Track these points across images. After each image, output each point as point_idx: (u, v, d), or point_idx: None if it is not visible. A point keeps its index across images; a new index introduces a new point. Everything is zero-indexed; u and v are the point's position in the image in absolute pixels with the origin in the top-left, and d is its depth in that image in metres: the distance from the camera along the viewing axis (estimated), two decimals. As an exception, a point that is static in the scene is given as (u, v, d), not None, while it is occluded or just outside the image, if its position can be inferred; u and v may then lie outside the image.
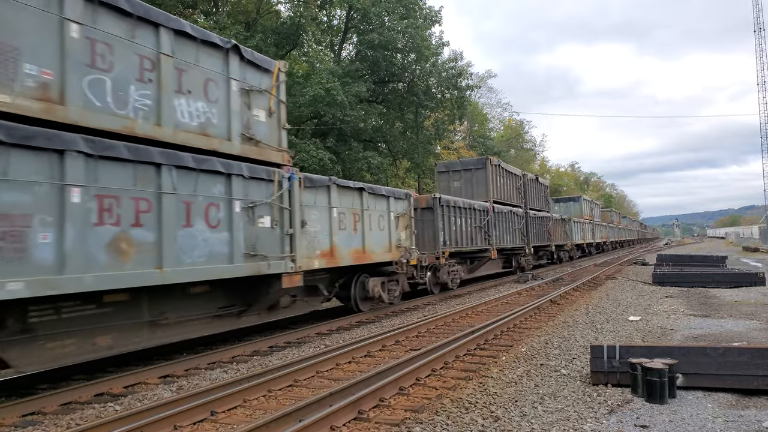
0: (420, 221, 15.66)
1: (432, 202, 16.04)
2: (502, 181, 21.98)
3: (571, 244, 32.67)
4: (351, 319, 11.68)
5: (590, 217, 40.64)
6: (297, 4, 27.33)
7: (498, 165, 21.53)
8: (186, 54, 7.56)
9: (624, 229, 66.53)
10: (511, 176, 23.57)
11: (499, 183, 21.71)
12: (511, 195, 23.16)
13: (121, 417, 5.19)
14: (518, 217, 23.08)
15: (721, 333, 9.14)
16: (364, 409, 5.35)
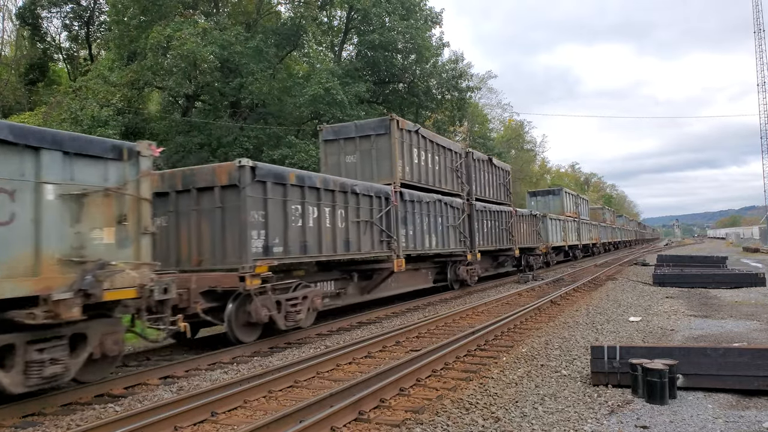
0: (210, 211, 8.95)
1: (237, 176, 8.66)
2: (423, 156, 15.35)
3: (546, 247, 26.64)
4: (351, 320, 11.68)
5: (575, 215, 34.66)
6: (297, 4, 27.36)
7: (415, 131, 14.95)
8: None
9: (620, 229, 61.21)
10: (442, 151, 16.66)
11: (418, 158, 15.01)
12: (441, 178, 16.49)
13: (122, 418, 5.19)
14: (454, 210, 16.56)
15: (721, 334, 9.13)
16: (365, 409, 5.35)
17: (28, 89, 27.11)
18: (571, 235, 32.41)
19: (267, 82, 23.27)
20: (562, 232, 30.04)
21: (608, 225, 50.80)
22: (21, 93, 26.23)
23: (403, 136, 14.35)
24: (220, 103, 25.94)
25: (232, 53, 22.82)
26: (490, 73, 71.17)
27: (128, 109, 22.51)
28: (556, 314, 11.76)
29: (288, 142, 23.09)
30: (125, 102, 22.32)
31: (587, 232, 38.11)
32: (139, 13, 23.85)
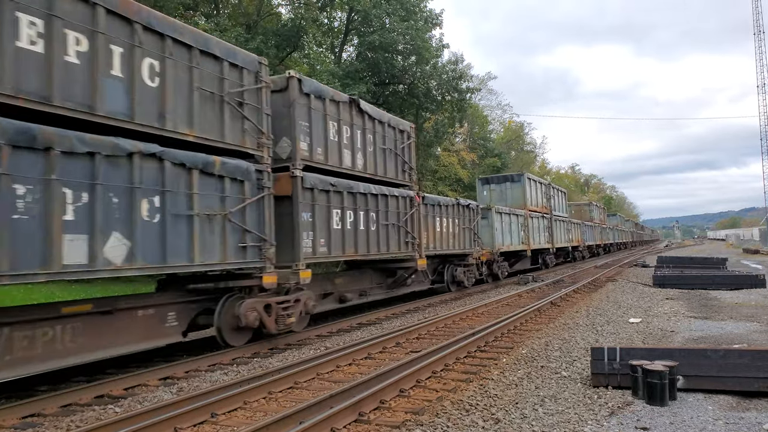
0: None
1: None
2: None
3: (491, 252, 19.68)
4: (351, 321, 11.68)
5: (544, 209, 26.95)
6: (298, 6, 27.37)
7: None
8: None
9: (613, 229, 54.75)
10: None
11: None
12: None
13: (122, 419, 5.18)
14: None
15: (721, 335, 9.13)
16: (365, 411, 5.34)
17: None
18: (538, 237, 25.32)
19: (267, 83, 23.24)
20: (522, 232, 23.01)
21: (596, 224, 43.63)
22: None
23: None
24: (221, 105, 25.90)
25: (232, 54, 22.78)
26: (489, 74, 71.17)
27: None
28: (556, 315, 11.76)
29: (288, 144, 23.08)
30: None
31: (564, 232, 30.61)
32: (139, 14, 23.84)
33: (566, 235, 31.31)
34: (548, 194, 28.18)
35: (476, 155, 45.63)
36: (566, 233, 31.36)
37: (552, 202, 28.46)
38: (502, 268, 21.29)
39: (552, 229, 27.88)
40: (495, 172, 44.02)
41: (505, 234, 21.07)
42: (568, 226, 31.91)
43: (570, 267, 30.29)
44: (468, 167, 42.34)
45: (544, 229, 26.80)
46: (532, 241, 24.31)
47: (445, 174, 38.07)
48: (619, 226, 61.13)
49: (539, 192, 26.92)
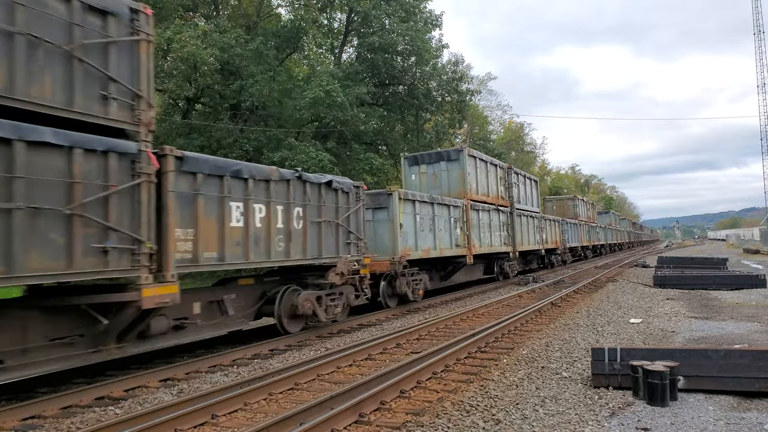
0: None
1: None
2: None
3: (393, 261, 13.22)
4: (352, 322, 11.67)
5: (499, 200, 20.60)
6: (297, 7, 27.39)
7: None
8: None
9: (605, 228, 47.68)
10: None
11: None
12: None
13: (122, 420, 5.18)
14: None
15: (722, 335, 9.13)
16: (365, 412, 5.34)
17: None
18: (488, 236, 18.91)
19: (267, 84, 23.29)
20: (458, 231, 16.71)
21: (582, 222, 36.86)
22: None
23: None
24: (221, 106, 25.96)
25: (233, 56, 22.85)
26: (489, 75, 71.16)
27: (129, 112, 22.50)
28: (556, 316, 11.75)
29: (288, 145, 23.11)
30: (126, 104, 22.31)
31: (533, 231, 24.13)
32: (139, 16, 23.87)
33: (537, 235, 24.68)
34: (508, 181, 21.76)
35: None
36: (537, 233, 24.67)
37: (515, 192, 22.20)
38: (415, 285, 14.17)
39: (513, 227, 21.47)
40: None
41: (422, 233, 14.54)
42: (540, 224, 25.30)
43: (571, 268, 30.22)
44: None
45: (501, 227, 20.28)
46: (477, 242, 17.77)
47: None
48: (612, 224, 53.98)
49: (491, 177, 20.13)
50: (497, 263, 20.77)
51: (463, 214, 17.11)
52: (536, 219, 25.02)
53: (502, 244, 20.18)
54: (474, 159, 18.83)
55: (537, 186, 26.61)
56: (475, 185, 18.57)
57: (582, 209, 38.95)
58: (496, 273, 20.71)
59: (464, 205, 17.24)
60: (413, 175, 18.73)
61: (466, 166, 17.99)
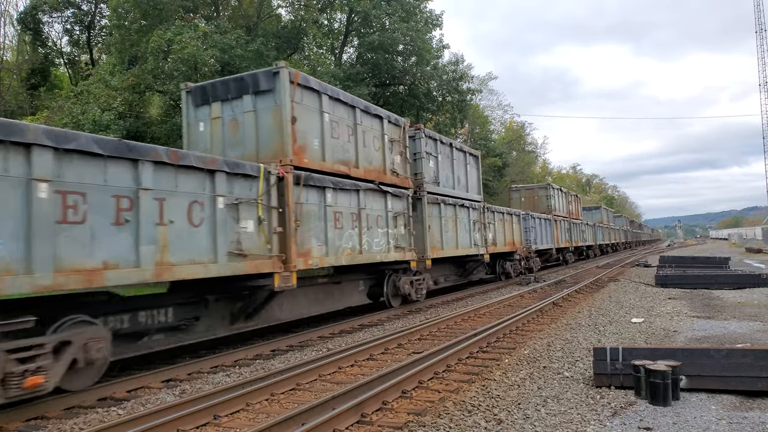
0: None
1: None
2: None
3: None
4: (353, 323, 11.68)
5: (376, 174, 12.13)
6: (298, 7, 27.41)
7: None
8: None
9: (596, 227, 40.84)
10: None
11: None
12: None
13: (125, 421, 5.19)
14: None
15: (724, 335, 9.12)
16: (367, 412, 5.35)
17: (30, 94, 27.16)
18: (358, 238, 11.27)
19: (268, 85, 23.27)
20: (259, 230, 8.61)
21: (559, 218, 29.49)
22: (23, 97, 26.29)
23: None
24: (222, 107, 25.95)
25: (233, 56, 22.85)
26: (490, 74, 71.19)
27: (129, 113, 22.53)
28: (558, 316, 11.75)
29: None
30: (126, 106, 22.34)
31: (471, 229, 17.24)
32: (139, 17, 23.90)
33: (475, 234, 17.45)
34: (412, 147, 14.24)
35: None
36: (475, 230, 17.39)
37: (429, 167, 14.90)
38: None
39: (424, 221, 14.07)
40: (496, 171, 43.92)
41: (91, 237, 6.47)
42: (480, 218, 17.95)
43: (572, 268, 30.19)
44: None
45: (392, 220, 12.47)
46: (319, 246, 10.09)
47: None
48: (604, 222, 46.79)
49: (369, 135, 12.09)
50: (388, 279, 12.96)
51: (264, 196, 8.72)
52: (474, 210, 17.55)
53: (390, 249, 12.25)
54: (312, 94, 10.31)
55: (477, 164, 18.96)
56: (318, 143, 10.35)
57: (559, 202, 31.37)
58: (385, 298, 13.01)
59: (275, 176, 8.99)
60: (202, 122, 10.53)
61: (286, 103, 9.53)
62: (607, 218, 51.09)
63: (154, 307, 7.78)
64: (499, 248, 19.91)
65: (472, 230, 17.35)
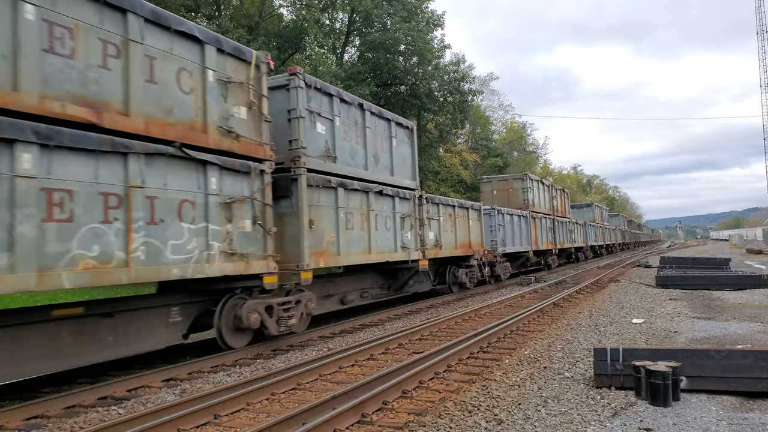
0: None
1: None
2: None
3: None
4: (354, 323, 11.68)
5: (183, 132, 7.39)
6: (299, 7, 27.42)
7: None
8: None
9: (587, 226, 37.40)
10: None
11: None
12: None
13: (125, 420, 5.19)
14: None
15: (725, 335, 9.11)
16: (368, 412, 5.35)
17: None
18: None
19: (269, 84, 23.28)
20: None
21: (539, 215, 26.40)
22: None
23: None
24: (223, 106, 25.97)
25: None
26: (491, 74, 71.22)
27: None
28: (558, 316, 11.74)
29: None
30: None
31: (400, 228, 13.08)
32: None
33: (405, 234, 13.45)
34: (252, 87, 8.77)
35: (478, 156, 45.62)
36: (404, 228, 13.37)
37: (306, 130, 10.16)
38: None
39: (297, 212, 9.77)
40: (497, 172, 43.91)
41: None
42: (424, 213, 14.45)
43: (572, 267, 30.11)
44: (470, 168, 42.32)
45: (211, 212, 7.83)
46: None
47: (446, 175, 38.06)
48: (597, 221, 42.46)
49: (142, 58, 6.96)
50: (223, 306, 8.47)
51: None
52: (403, 201, 13.42)
53: (212, 257, 7.78)
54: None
55: (412, 139, 14.43)
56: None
57: (539, 196, 27.30)
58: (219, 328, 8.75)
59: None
60: None
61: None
62: (601, 217, 46.75)
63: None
64: (446, 252, 15.78)
65: (398, 228, 13.00)
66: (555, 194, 30.33)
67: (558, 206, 30.78)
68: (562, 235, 30.38)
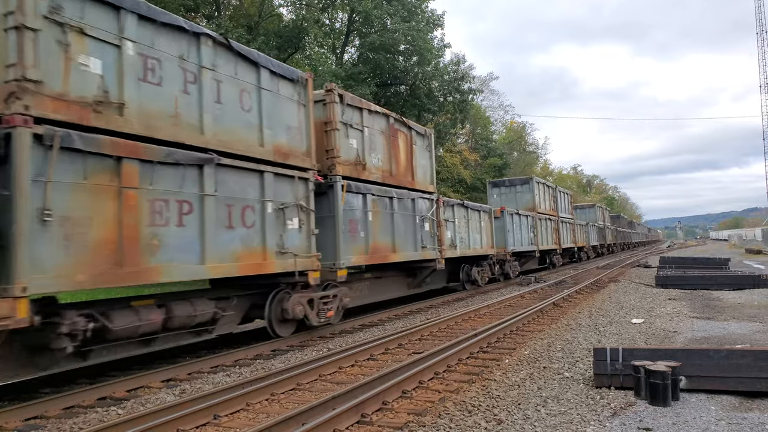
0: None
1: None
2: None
3: None
4: (354, 323, 11.69)
5: None
6: (299, 6, 27.41)
7: None
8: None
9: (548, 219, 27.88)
10: None
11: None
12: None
13: (124, 421, 5.19)
14: None
15: (724, 335, 9.11)
16: (367, 412, 5.35)
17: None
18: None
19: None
20: None
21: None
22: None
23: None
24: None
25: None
26: (491, 74, 71.17)
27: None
28: (558, 316, 11.75)
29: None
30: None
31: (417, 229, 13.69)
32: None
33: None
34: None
35: (479, 155, 45.63)
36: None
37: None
38: None
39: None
40: (497, 171, 43.94)
41: None
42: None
43: (572, 267, 30.11)
44: (471, 167, 42.32)
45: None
46: None
47: (447, 175, 38.06)
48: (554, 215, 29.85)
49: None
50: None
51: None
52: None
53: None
54: None
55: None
56: None
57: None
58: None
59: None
60: None
61: None
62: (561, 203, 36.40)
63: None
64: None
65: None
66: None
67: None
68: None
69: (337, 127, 10.95)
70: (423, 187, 14.52)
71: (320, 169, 10.45)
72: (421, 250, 13.91)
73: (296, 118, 9.76)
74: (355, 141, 11.71)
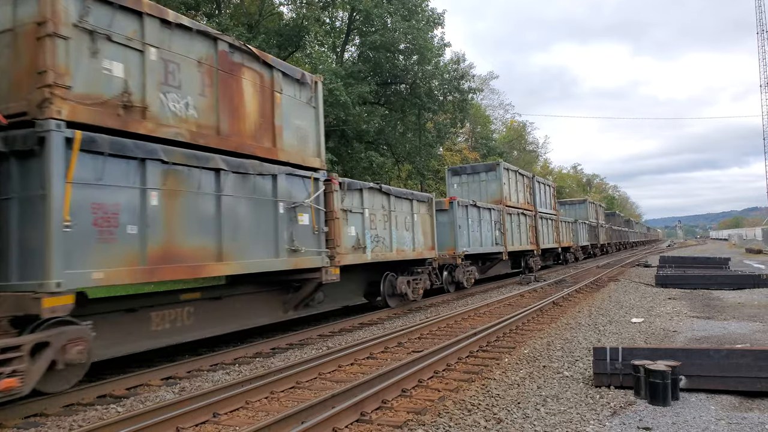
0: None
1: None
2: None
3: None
4: (353, 321, 11.68)
5: None
6: (300, 5, 27.37)
7: None
8: None
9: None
10: None
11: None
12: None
13: (124, 418, 5.20)
14: None
15: (724, 335, 9.11)
16: (367, 410, 5.35)
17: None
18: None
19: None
20: None
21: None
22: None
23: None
24: (222, 105, 25.92)
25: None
26: (491, 73, 71.19)
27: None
28: (558, 315, 11.75)
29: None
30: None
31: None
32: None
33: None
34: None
35: (478, 154, 45.63)
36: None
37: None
38: None
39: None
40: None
41: None
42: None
43: (572, 267, 30.11)
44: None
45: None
46: None
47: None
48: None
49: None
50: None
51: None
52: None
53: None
54: None
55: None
56: None
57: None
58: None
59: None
60: None
61: None
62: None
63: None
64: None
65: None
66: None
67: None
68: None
69: (63, 33, 6.03)
70: (298, 159, 9.75)
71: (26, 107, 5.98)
72: (288, 256, 9.22)
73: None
74: (121, 66, 6.77)
